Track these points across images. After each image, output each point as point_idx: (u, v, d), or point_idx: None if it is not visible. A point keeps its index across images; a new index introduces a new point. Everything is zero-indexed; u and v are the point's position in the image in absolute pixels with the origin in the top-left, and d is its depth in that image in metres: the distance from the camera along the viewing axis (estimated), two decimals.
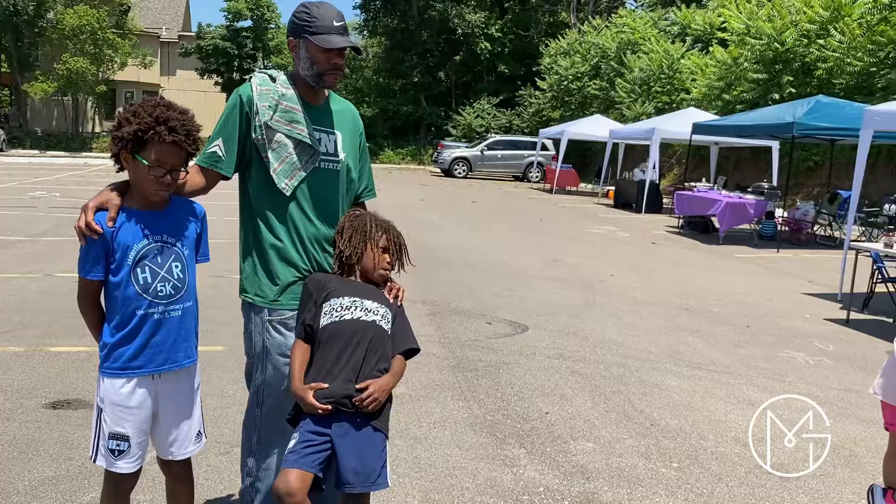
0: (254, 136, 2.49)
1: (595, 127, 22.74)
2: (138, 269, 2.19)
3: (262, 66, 46.40)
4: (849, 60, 17.06)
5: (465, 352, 5.48)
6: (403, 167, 36.67)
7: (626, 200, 18.97)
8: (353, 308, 2.42)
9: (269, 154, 2.49)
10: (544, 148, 27.58)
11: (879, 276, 7.43)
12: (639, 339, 6.10)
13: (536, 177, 27.87)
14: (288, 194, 2.50)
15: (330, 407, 2.27)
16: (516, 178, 29.27)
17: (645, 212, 17.61)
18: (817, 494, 3.46)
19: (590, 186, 26.13)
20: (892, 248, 7.04)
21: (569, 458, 3.70)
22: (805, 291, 8.67)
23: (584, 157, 30.86)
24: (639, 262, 10.31)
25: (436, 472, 3.48)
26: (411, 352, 2.51)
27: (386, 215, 2.62)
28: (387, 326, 2.46)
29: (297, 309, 2.52)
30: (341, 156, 2.63)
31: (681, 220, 14.96)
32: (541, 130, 27.50)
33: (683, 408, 4.52)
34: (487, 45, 38.97)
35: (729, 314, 7.20)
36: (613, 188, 20.68)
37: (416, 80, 39.91)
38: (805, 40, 18.78)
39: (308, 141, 2.51)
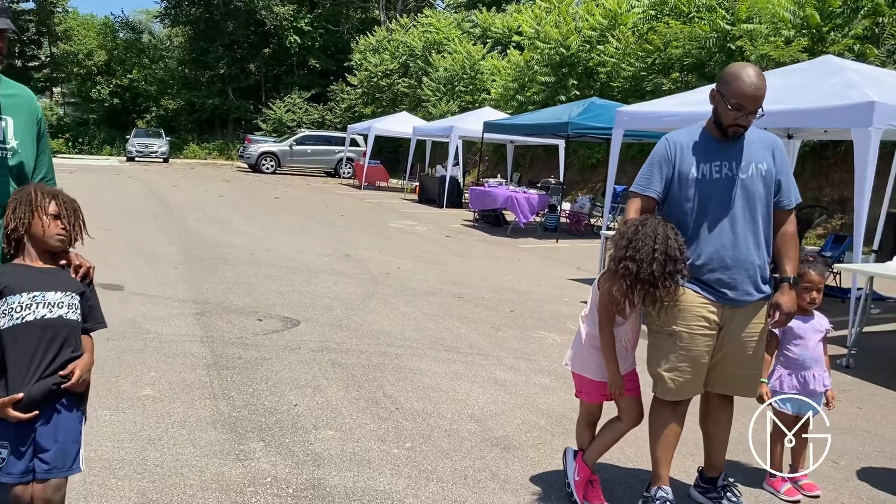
0: None
1: (401, 124, 23.19)
2: None
3: (49, 54, 42.61)
4: (624, 66, 18.68)
5: (227, 349, 5.38)
6: (209, 162, 35.21)
7: (430, 196, 19.52)
8: (34, 306, 2.31)
9: None
10: (356, 144, 27.67)
11: None
12: (407, 327, 6.31)
13: (347, 173, 27.92)
14: None
15: (37, 412, 2.27)
16: (328, 175, 29.10)
17: (446, 207, 18.23)
18: (531, 462, 3.78)
19: (399, 182, 26.57)
20: None
21: (305, 448, 3.76)
22: (571, 277, 9.41)
23: (396, 154, 31.33)
24: (429, 254, 10.65)
25: (161, 472, 3.39)
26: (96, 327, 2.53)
27: (179, 212, 2.54)
28: (75, 316, 2.39)
29: None
30: (12, 143, 2.48)
31: (476, 214, 15.64)
32: (349, 126, 27.56)
33: (431, 390, 4.75)
34: (297, 38, 38.45)
35: (498, 300, 7.64)
36: (418, 184, 21.19)
37: (223, 71, 38.55)
38: (587, 46, 20.34)
39: None
